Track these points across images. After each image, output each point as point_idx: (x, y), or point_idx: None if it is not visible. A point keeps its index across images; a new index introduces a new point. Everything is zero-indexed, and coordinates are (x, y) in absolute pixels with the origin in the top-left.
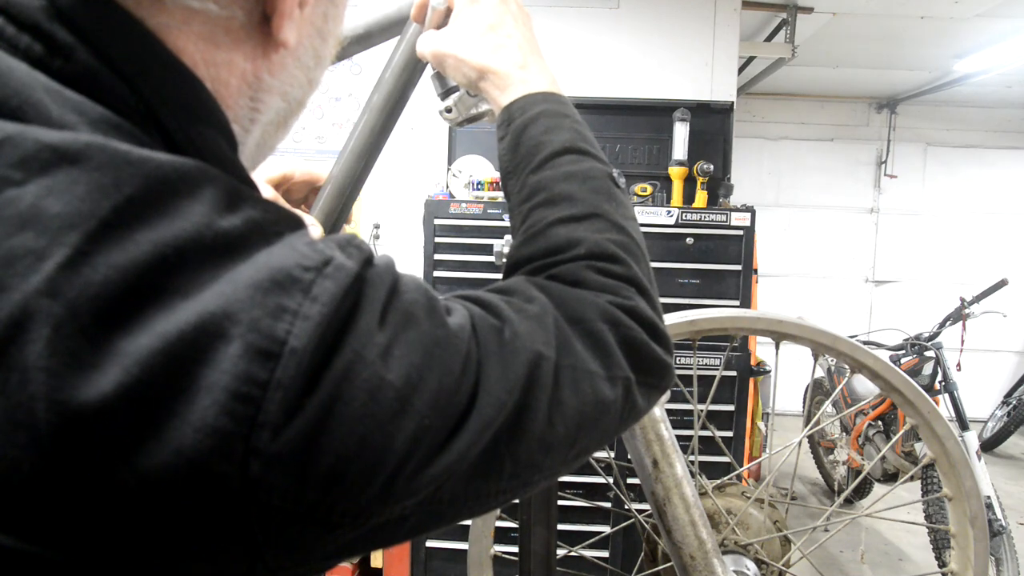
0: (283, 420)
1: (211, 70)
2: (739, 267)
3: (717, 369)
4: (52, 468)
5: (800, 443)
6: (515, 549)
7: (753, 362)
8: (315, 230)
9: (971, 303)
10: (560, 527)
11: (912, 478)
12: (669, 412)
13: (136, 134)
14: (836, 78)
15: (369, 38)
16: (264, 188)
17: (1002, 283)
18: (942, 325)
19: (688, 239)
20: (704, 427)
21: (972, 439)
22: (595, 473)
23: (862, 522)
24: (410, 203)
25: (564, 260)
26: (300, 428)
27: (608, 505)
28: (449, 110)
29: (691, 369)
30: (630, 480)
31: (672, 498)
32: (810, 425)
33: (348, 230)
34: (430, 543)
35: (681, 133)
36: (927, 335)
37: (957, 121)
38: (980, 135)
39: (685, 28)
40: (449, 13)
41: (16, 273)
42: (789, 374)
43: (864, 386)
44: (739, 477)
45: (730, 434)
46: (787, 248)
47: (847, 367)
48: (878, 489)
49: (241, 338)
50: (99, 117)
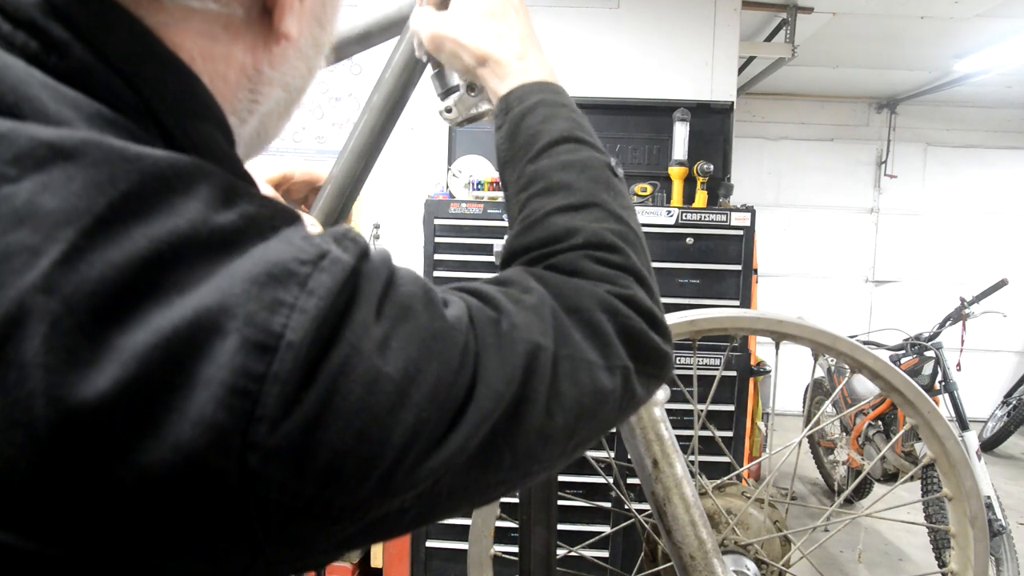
0: (281, 414)
1: (208, 65)
2: (739, 267)
3: (717, 369)
4: (50, 465)
5: (800, 443)
6: (515, 549)
7: (753, 362)
8: (315, 230)
9: (971, 303)
10: (560, 527)
11: (912, 478)
12: (669, 412)
13: (132, 130)
14: (836, 78)
15: (369, 38)
16: (264, 188)
17: (1002, 283)
18: (942, 325)
19: (688, 239)
20: (704, 427)
21: (972, 439)
22: (595, 473)
23: (862, 522)
24: (410, 203)
25: (562, 250)
26: (298, 422)
27: (608, 505)
28: (449, 110)
29: (691, 369)
30: (630, 480)
31: (672, 498)
32: (810, 425)
33: None
34: (430, 543)
35: (681, 133)
36: (927, 335)
37: (957, 121)
38: (980, 135)
39: (685, 28)
40: None
41: (12, 270)
42: (789, 374)
43: (864, 386)
44: (739, 477)
45: (730, 434)
46: (787, 248)
47: (847, 367)
48: (878, 489)
49: (237, 332)
50: (95, 113)
